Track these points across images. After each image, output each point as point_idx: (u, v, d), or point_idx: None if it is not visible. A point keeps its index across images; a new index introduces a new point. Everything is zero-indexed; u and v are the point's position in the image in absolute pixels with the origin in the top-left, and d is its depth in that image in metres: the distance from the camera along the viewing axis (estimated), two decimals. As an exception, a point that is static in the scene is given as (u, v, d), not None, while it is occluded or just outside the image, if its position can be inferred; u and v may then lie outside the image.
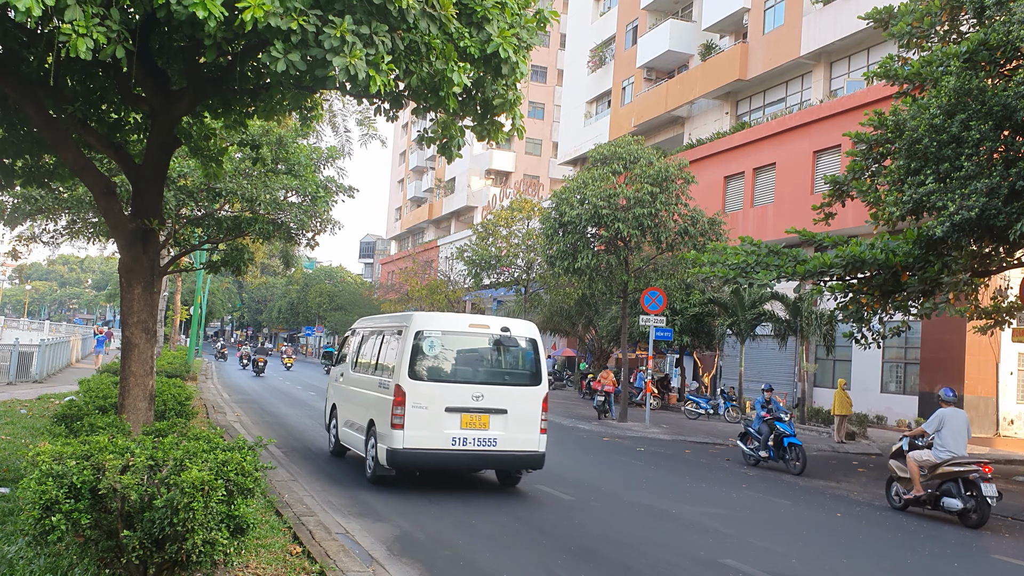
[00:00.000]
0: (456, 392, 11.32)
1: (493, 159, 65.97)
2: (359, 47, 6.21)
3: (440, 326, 12.06)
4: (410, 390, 11.11)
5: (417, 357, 11.37)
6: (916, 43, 17.02)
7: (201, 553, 5.41)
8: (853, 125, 19.87)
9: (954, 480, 11.69)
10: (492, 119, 8.44)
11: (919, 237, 14.72)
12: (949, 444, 11.87)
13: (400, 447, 10.97)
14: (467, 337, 12.10)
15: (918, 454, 12.23)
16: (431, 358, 11.59)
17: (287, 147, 15.24)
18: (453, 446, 11.13)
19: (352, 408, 13.49)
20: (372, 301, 65.01)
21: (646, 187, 22.99)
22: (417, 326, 11.59)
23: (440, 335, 11.77)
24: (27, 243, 18.61)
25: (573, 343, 43.81)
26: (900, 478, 12.60)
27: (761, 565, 8.43)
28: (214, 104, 9.50)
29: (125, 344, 9.21)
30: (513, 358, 12.26)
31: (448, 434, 11.12)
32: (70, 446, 5.65)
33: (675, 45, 39.96)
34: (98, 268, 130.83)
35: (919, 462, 12.15)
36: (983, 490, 11.31)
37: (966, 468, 11.58)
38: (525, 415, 11.56)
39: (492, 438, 11.31)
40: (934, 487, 11.92)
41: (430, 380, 11.36)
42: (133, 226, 9.05)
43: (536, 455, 11.62)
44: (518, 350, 12.19)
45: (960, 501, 11.52)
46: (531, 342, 12.11)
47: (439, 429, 11.10)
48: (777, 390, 30.47)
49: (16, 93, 8.08)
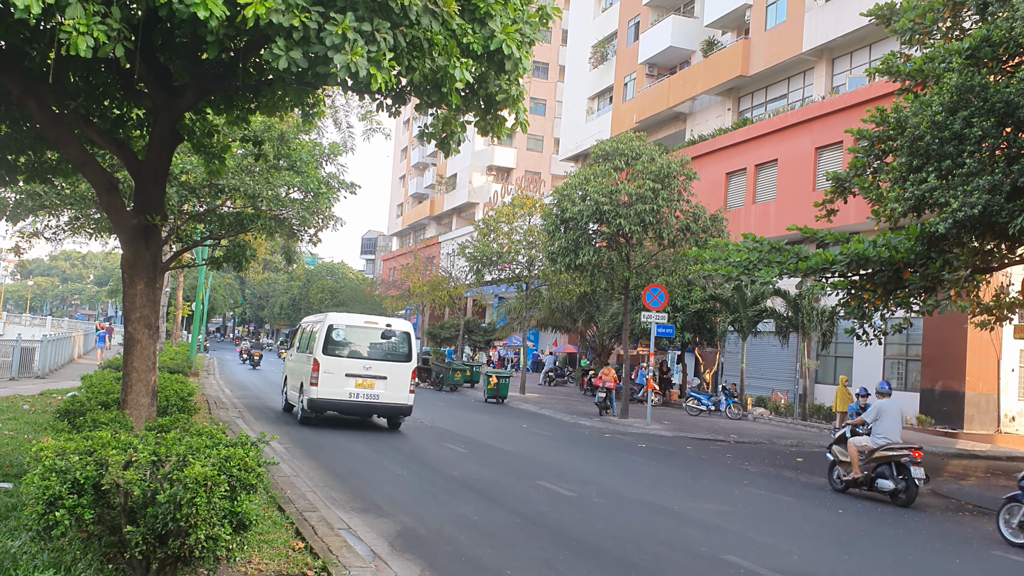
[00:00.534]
0: (353, 364, 17.00)
1: (495, 155, 65.94)
2: (361, 44, 6.20)
3: (345, 321, 17.82)
4: (323, 362, 16.80)
5: (328, 341, 17.04)
6: (918, 39, 17.00)
7: (204, 548, 5.43)
8: (855, 122, 19.84)
9: (888, 463, 13.09)
10: (495, 114, 8.44)
11: (921, 233, 14.71)
12: (885, 431, 13.30)
13: (315, 397, 16.81)
14: (363, 329, 17.80)
15: (858, 440, 13.54)
16: (337, 342, 17.23)
17: (289, 143, 15.25)
18: (350, 398, 16.88)
19: (293, 376, 19.18)
20: (373, 297, 65.02)
21: (648, 183, 22.97)
22: (330, 321, 17.42)
23: (345, 327, 17.58)
24: (29, 239, 18.63)
25: (574, 340, 43.83)
26: (841, 462, 13.89)
27: (763, 562, 8.44)
28: (216, 100, 9.50)
29: (127, 340, 9.22)
30: (392, 344, 17.71)
31: (347, 390, 16.83)
32: (73, 442, 5.67)
33: (677, 41, 39.93)
34: (100, 264, 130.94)
35: (859, 447, 13.42)
36: (912, 472, 12.68)
37: (899, 453, 12.94)
38: (399, 381, 17.21)
39: (376, 394, 17.00)
40: (870, 470, 13.25)
41: (336, 356, 16.98)
42: (135, 222, 9.05)
43: (406, 406, 17.37)
44: (397, 339, 17.73)
45: (892, 482, 12.95)
46: (405, 334, 17.84)
47: (341, 387, 16.77)
48: (778, 387, 30.61)
49: (18, 88, 8.08)
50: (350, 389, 16.83)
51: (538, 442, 18.00)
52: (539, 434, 19.58)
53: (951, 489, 14.76)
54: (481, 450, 16.05)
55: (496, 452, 15.98)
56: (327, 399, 16.82)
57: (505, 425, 21.38)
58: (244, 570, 6.48)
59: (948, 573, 8.87)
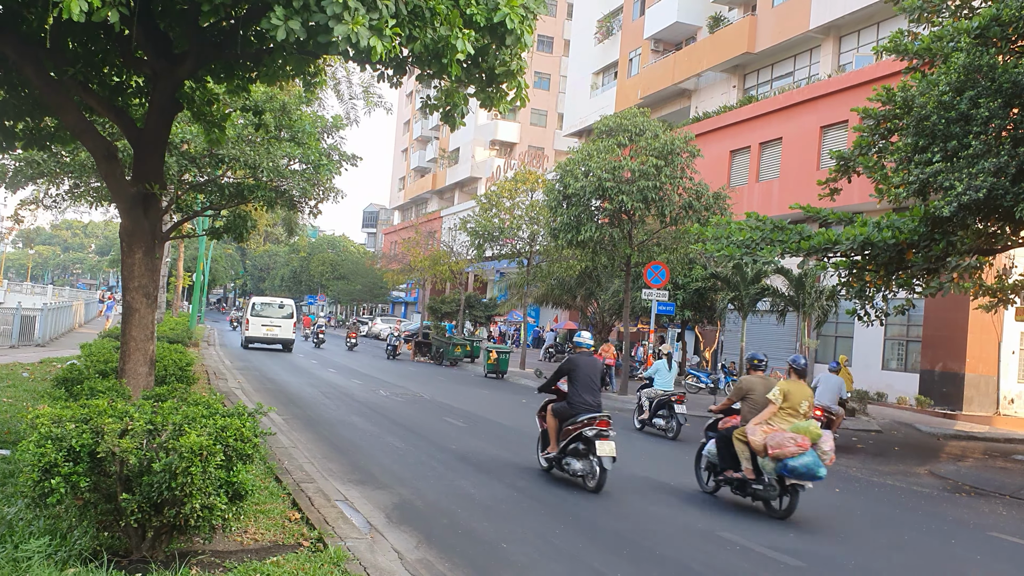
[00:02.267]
0: (265, 320, 34.28)
1: (498, 130, 65.62)
2: (362, 12, 6.11)
3: (262, 300, 35.95)
4: (251, 319, 34.41)
5: (252, 309, 34.93)
6: (927, 18, 16.81)
7: (199, 518, 5.45)
8: (861, 100, 19.70)
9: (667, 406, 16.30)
10: (496, 87, 8.35)
11: (925, 215, 14.63)
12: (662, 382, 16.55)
13: (248, 335, 34.67)
14: (269, 304, 35.51)
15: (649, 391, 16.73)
16: (256, 309, 34.79)
17: (290, 114, 15.15)
18: (264, 334, 34.10)
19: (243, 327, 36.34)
20: (375, 271, 65.00)
21: (651, 160, 22.85)
22: (253, 300, 35.98)
23: (261, 303, 35.41)
24: (30, 207, 18.58)
25: (575, 316, 43.78)
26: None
27: (758, 539, 8.46)
28: (216, 68, 9.42)
29: (126, 309, 9.21)
30: (284, 310, 35.16)
31: (263, 332, 34.13)
32: (69, 409, 5.66)
33: (683, 17, 39.57)
34: (101, 234, 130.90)
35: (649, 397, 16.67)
36: (675, 408, 16.04)
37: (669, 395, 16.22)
38: (287, 328, 34.44)
39: (275, 335, 34.20)
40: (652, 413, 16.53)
41: (255, 316, 34.38)
42: (134, 191, 9.01)
43: (291, 340, 34.67)
44: (285, 308, 35.26)
45: (663, 420, 16.29)
46: (290, 305, 35.75)
47: (259, 331, 34.14)
48: (777, 366, 30.59)
49: (16, 54, 8.00)
50: (264, 333, 34.47)
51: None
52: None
53: (948, 470, 14.79)
54: (480, 424, 16.08)
55: (495, 427, 16.01)
56: (253, 336, 34.66)
57: (504, 400, 21.42)
58: (240, 539, 6.49)
59: (945, 555, 8.88)
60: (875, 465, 14.87)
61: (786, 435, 9.24)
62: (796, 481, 9.34)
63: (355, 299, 72.20)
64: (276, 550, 6.29)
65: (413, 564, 6.66)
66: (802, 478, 9.26)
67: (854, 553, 8.34)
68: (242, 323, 38.72)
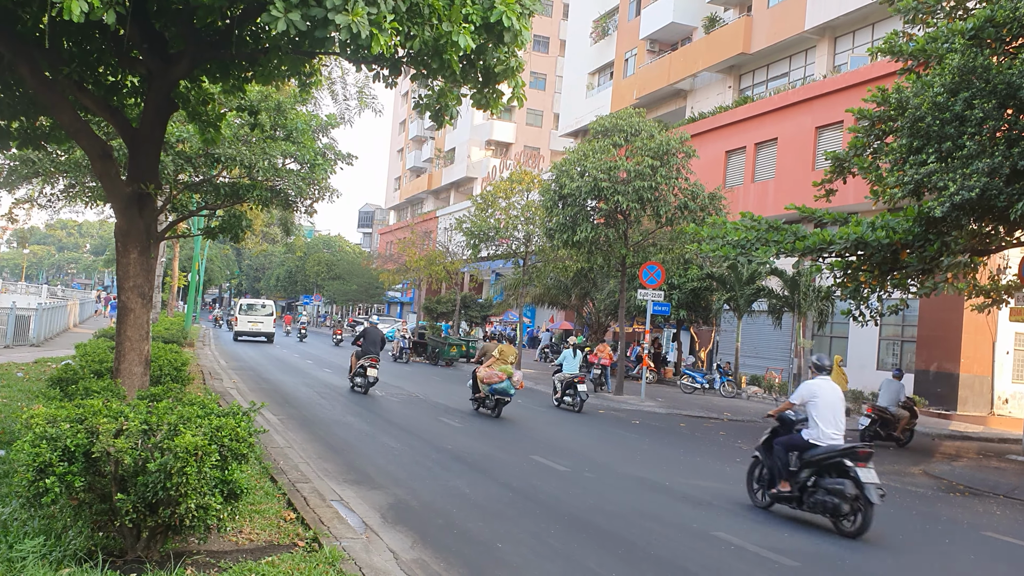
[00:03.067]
0: (251, 317, 42.66)
1: (493, 130, 65.60)
2: (361, 5, 6.11)
3: (248, 301, 45.54)
4: (239, 316, 43.21)
5: (240, 308, 44.07)
6: (921, 19, 16.86)
7: (194, 518, 5.44)
8: (856, 101, 19.73)
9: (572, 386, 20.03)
10: (493, 87, 8.35)
11: (919, 215, 14.66)
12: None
13: (237, 330, 43.11)
14: (253, 305, 44.39)
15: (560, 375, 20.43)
16: (244, 308, 43.90)
17: (286, 113, 15.13)
18: (250, 328, 42.08)
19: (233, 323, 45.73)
20: (370, 271, 64.94)
21: (647, 160, 22.86)
22: (241, 301, 45.85)
23: (247, 304, 44.60)
24: (25, 206, 18.54)
25: (571, 316, 43.82)
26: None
27: (753, 539, 8.48)
28: (212, 68, 9.41)
29: (121, 309, 9.19)
30: (265, 309, 43.93)
31: (249, 327, 42.12)
32: (64, 409, 5.65)
33: (679, 17, 39.61)
34: (96, 233, 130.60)
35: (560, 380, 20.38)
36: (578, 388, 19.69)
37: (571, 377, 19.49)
38: (268, 324, 42.65)
39: (259, 329, 42.16)
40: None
41: (243, 314, 43.05)
42: (129, 190, 8.99)
43: (272, 332, 42.75)
44: (266, 307, 44.28)
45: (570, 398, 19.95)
46: (272, 305, 45.64)
47: (246, 326, 42.29)
48: (772, 366, 30.66)
49: (11, 53, 7.98)
50: (249, 328, 42.03)
51: (532, 417, 18.04)
52: (533, 409, 19.61)
53: (943, 470, 14.82)
54: (474, 424, 16.08)
55: (489, 426, 16.01)
56: (242, 330, 42.36)
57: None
58: (235, 539, 6.48)
59: (939, 554, 8.90)
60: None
61: (494, 372, 16.96)
62: (500, 396, 17.00)
63: (351, 299, 72.16)
64: (271, 550, 6.29)
65: (408, 564, 6.66)
66: (503, 394, 16.94)
67: (849, 553, 8.36)
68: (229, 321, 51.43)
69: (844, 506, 8.95)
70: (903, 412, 17.79)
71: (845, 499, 8.94)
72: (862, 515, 8.91)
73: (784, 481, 9.64)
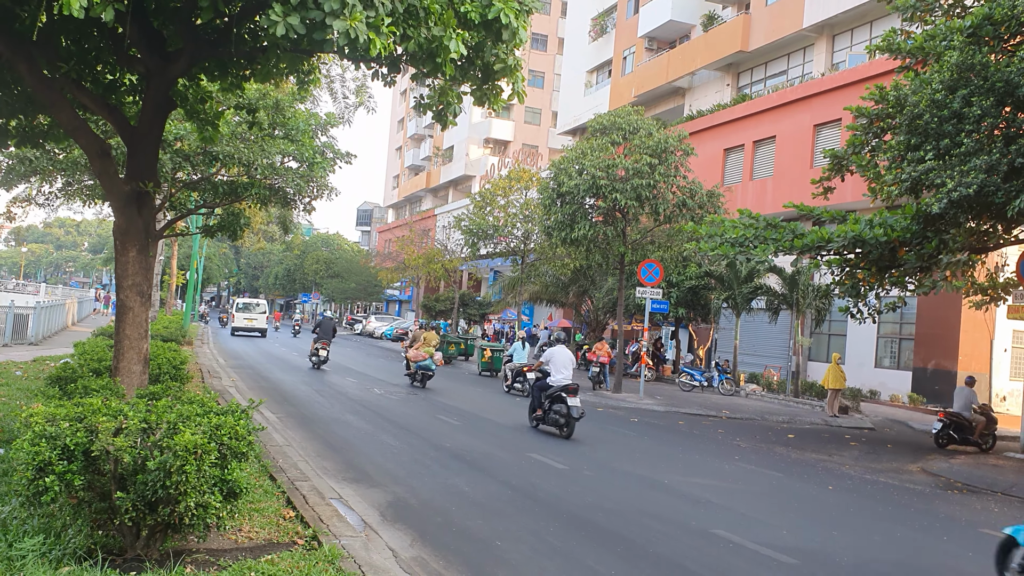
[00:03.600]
0: (246, 314, 46.92)
1: (492, 128, 65.57)
2: (359, 9, 6.11)
3: (243, 300, 51.27)
4: (236, 314, 47.56)
5: (236, 306, 48.37)
6: (920, 17, 16.88)
7: (194, 516, 5.44)
8: (854, 99, 19.74)
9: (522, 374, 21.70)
10: (492, 84, 8.35)
11: (917, 213, 14.68)
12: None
13: (233, 326, 47.11)
14: (248, 303, 48.96)
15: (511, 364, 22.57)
16: (239, 306, 48.09)
17: (284, 112, 15.12)
18: (245, 324, 46.30)
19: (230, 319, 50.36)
20: (369, 269, 64.93)
21: (645, 158, 22.87)
22: (237, 300, 52.90)
23: (242, 303, 49.05)
24: (22, 204, 18.52)
25: (569, 314, 43.83)
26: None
27: (751, 536, 8.49)
28: (210, 66, 9.40)
29: (120, 307, 9.19)
30: (259, 307, 48.14)
31: (245, 323, 46.35)
32: (63, 408, 5.65)
33: (677, 15, 39.61)
34: (94, 232, 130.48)
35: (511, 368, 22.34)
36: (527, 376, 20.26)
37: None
38: (262, 320, 46.95)
39: (253, 325, 46.41)
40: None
41: (239, 312, 47.34)
42: (128, 189, 8.99)
43: (265, 328, 47.30)
44: (260, 305, 48.57)
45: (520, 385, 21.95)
46: (264, 303, 49.98)
47: (242, 322, 46.42)
48: (771, 363, 30.71)
49: (8, 51, 7.97)
50: (245, 324, 45.78)
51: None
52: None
53: (941, 468, 14.85)
54: (473, 422, 16.09)
55: (488, 424, 16.02)
56: (238, 326, 45.91)
57: (498, 398, 21.43)
58: (234, 538, 6.49)
59: (937, 551, 8.92)
60: (868, 462, 14.92)
61: (420, 352, 21.61)
62: (424, 371, 21.65)
63: (349, 297, 72.16)
64: (271, 548, 6.29)
65: (407, 562, 6.67)
66: (427, 369, 21.58)
67: (847, 550, 8.38)
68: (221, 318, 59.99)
69: (561, 420, 14.52)
70: (979, 417, 17.72)
71: (561, 416, 14.53)
72: (569, 427, 14.43)
73: (539, 408, 15.24)
